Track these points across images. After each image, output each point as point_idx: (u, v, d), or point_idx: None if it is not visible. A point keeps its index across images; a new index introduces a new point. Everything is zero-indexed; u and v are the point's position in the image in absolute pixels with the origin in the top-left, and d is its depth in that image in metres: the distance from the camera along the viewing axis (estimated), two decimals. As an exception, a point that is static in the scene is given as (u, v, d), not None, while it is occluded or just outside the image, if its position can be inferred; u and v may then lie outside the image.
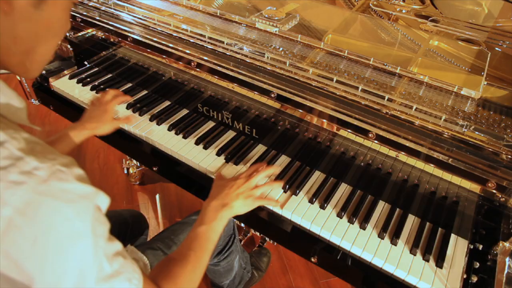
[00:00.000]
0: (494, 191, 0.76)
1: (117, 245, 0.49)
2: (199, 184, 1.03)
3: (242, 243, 1.64)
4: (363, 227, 0.87)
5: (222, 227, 0.80)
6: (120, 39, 1.20)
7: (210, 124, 1.16)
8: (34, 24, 0.48)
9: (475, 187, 0.79)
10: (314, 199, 0.93)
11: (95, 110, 1.04)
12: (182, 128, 1.12)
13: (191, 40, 1.07)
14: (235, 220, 1.20)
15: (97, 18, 1.22)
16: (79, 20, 1.25)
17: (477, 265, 0.80)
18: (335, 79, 0.90)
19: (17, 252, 0.40)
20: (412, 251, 0.83)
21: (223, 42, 1.04)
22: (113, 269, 0.47)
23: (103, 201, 0.47)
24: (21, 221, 0.39)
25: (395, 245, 0.84)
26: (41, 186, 0.40)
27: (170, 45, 1.08)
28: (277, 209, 0.92)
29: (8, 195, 0.39)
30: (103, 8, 1.23)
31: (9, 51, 0.48)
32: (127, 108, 1.20)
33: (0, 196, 0.38)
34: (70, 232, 0.42)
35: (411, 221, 0.90)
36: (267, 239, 1.68)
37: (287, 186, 0.96)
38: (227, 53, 1.01)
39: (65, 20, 0.52)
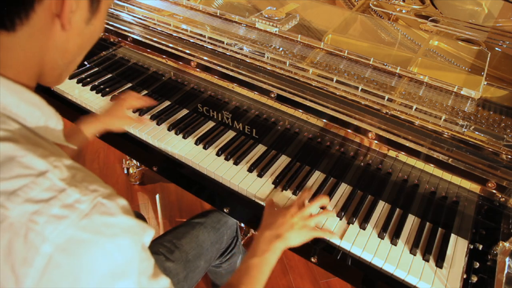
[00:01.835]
0: (494, 191, 0.76)
1: (163, 282, 0.47)
2: (199, 184, 1.03)
3: (242, 243, 1.64)
4: (363, 227, 0.87)
5: (275, 259, 0.76)
6: (120, 39, 1.20)
7: (210, 124, 1.16)
8: (82, 38, 0.48)
9: (475, 187, 0.79)
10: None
11: (110, 105, 1.05)
12: (182, 128, 1.12)
13: (191, 40, 1.07)
14: (237, 221, 1.20)
15: (97, 18, 1.22)
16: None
17: (477, 265, 0.80)
18: (335, 79, 0.90)
19: None
20: (412, 251, 0.83)
21: (223, 42, 1.04)
22: None
23: (148, 234, 0.44)
24: (61, 258, 0.36)
25: (395, 245, 0.84)
26: (83, 221, 0.37)
27: (170, 45, 1.08)
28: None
29: (49, 231, 0.36)
30: (103, 8, 1.23)
31: (56, 65, 0.48)
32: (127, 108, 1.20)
33: (41, 232, 0.36)
34: (112, 269, 0.39)
35: (411, 221, 0.90)
36: (267, 239, 1.68)
37: (287, 186, 0.96)
38: (227, 53, 1.01)
39: (103, 28, 0.53)
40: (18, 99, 0.43)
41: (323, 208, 0.90)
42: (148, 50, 1.14)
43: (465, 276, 0.79)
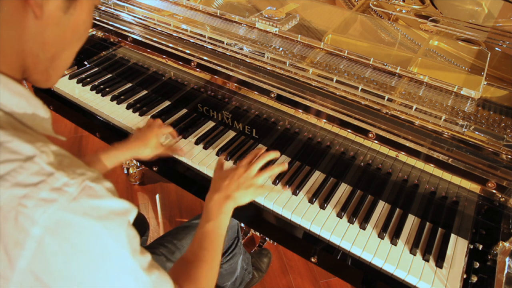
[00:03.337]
0: (494, 191, 0.76)
1: (148, 256, 0.48)
2: (199, 184, 1.03)
3: (242, 243, 1.64)
4: (363, 227, 0.87)
5: (228, 220, 0.78)
6: (120, 39, 1.20)
7: (210, 124, 1.16)
8: (62, 28, 0.46)
9: (475, 187, 0.79)
10: (314, 199, 0.93)
11: (141, 132, 1.00)
12: (183, 128, 1.12)
13: (191, 40, 1.07)
14: (238, 222, 1.20)
15: (97, 18, 1.22)
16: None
17: (477, 265, 0.80)
18: (335, 79, 0.90)
19: (49, 272, 0.38)
20: (412, 251, 0.83)
21: (223, 42, 1.04)
22: (152, 280, 0.47)
23: (133, 213, 0.45)
24: (52, 240, 0.37)
25: (395, 245, 0.84)
26: (72, 204, 0.38)
27: (170, 45, 1.08)
28: (277, 209, 0.92)
29: (39, 214, 0.37)
30: (103, 8, 1.23)
31: (37, 58, 0.47)
32: (127, 108, 1.20)
33: (30, 215, 0.36)
34: (104, 250, 0.41)
35: (411, 221, 0.90)
36: (267, 239, 1.68)
37: (287, 186, 0.96)
38: (227, 53, 1.01)
39: (89, 23, 0.51)
40: (2, 88, 0.42)
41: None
42: (148, 50, 1.14)
43: (465, 276, 0.79)
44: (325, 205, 0.91)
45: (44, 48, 0.46)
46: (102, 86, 1.29)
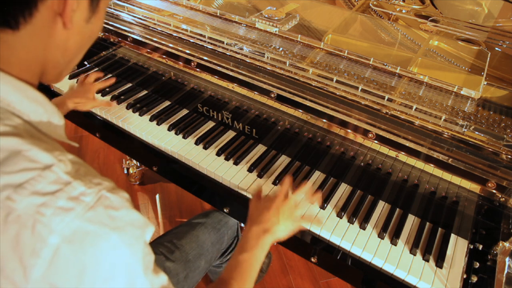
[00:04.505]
0: (494, 191, 0.76)
1: (163, 278, 0.48)
2: (199, 184, 1.03)
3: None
4: (363, 227, 0.87)
5: (264, 253, 0.76)
6: (120, 39, 1.20)
7: (210, 124, 1.16)
8: (82, 36, 0.49)
9: (475, 187, 0.79)
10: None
11: (78, 88, 1.12)
12: (182, 128, 1.12)
13: (191, 40, 1.07)
14: (238, 222, 1.20)
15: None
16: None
17: (477, 265, 0.80)
18: (335, 79, 0.90)
19: (63, 282, 0.38)
20: (412, 251, 0.83)
21: (223, 42, 1.04)
22: None
23: (149, 230, 0.45)
24: (68, 249, 0.37)
25: (395, 245, 0.84)
26: (88, 213, 0.38)
27: (170, 45, 1.08)
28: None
29: (56, 222, 0.37)
30: (103, 8, 1.23)
31: (57, 64, 0.49)
32: (127, 108, 1.20)
33: (48, 223, 0.37)
34: (118, 261, 0.40)
35: (411, 221, 0.90)
36: (267, 239, 1.68)
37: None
38: (227, 53, 1.01)
39: (102, 27, 0.54)
40: (22, 96, 0.44)
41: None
42: (148, 50, 1.14)
43: (465, 276, 0.79)
44: (325, 205, 0.91)
45: (65, 54, 0.49)
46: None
